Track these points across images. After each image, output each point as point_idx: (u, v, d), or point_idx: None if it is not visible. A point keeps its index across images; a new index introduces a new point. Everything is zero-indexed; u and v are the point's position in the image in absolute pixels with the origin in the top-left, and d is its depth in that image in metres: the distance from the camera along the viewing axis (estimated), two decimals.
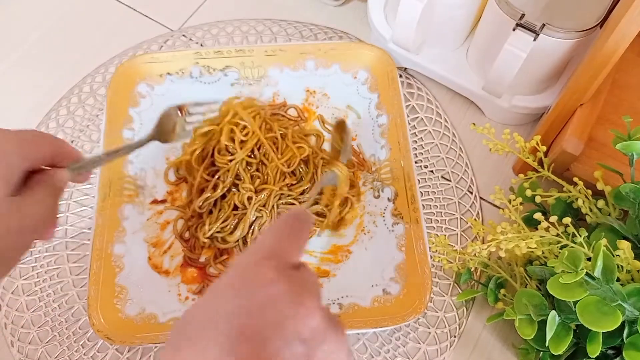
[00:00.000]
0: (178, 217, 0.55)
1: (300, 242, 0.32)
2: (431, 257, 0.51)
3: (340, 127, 0.54)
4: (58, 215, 0.38)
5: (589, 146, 0.52)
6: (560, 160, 0.50)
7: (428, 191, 0.58)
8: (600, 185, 0.46)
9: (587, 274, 0.37)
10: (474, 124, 0.51)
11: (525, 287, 0.47)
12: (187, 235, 0.55)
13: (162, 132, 0.50)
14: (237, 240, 0.53)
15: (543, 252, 0.44)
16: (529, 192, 0.48)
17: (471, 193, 0.58)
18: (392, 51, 0.61)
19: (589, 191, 0.48)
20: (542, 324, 0.42)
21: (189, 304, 0.52)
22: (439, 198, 0.58)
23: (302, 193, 0.55)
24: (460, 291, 0.54)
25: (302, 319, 0.27)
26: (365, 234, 0.55)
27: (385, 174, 0.57)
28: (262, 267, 0.29)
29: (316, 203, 0.55)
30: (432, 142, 0.61)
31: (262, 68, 0.62)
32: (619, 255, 0.40)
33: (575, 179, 0.47)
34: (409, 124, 0.60)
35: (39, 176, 0.37)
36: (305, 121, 0.61)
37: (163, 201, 0.56)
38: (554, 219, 0.43)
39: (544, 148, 0.48)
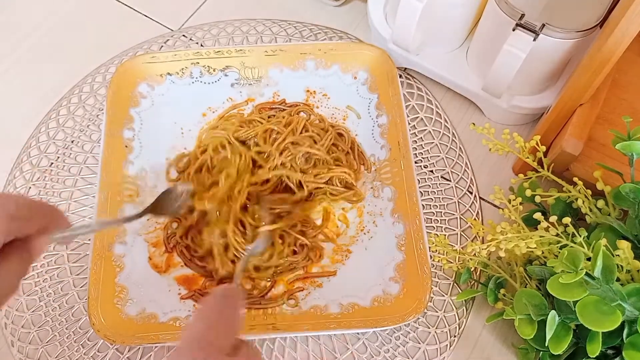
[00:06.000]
0: (172, 220, 0.56)
1: (230, 323, 0.32)
2: (431, 256, 0.51)
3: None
4: (19, 286, 0.34)
5: (589, 146, 0.52)
6: (559, 160, 0.50)
7: (428, 191, 0.58)
8: (600, 185, 0.46)
9: (586, 273, 0.37)
10: (474, 124, 0.51)
11: (525, 287, 0.47)
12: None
13: (157, 208, 0.49)
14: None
15: (543, 252, 0.45)
16: (528, 192, 0.48)
17: (471, 193, 0.58)
18: (391, 51, 0.62)
19: (589, 191, 0.48)
20: (542, 324, 0.42)
21: (189, 304, 0.52)
22: (439, 198, 0.58)
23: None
24: (460, 291, 0.54)
25: None
26: (365, 234, 0.55)
27: (385, 174, 0.57)
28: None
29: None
30: (432, 142, 0.61)
31: (262, 68, 0.62)
32: (618, 255, 0.40)
33: (575, 179, 0.47)
34: (409, 124, 0.60)
35: (18, 242, 0.33)
36: (311, 111, 0.61)
37: None
38: (553, 218, 0.43)
39: (544, 148, 0.48)
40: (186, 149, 0.59)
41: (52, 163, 0.60)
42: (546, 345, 0.42)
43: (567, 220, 0.42)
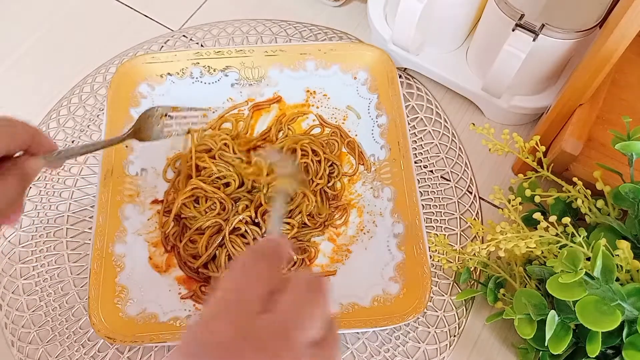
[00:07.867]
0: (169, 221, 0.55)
1: (263, 274, 0.28)
2: (431, 256, 0.51)
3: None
4: (24, 203, 0.41)
5: (588, 146, 0.52)
6: (559, 160, 0.50)
7: (427, 191, 0.58)
8: (599, 185, 0.46)
9: (586, 273, 0.37)
10: (474, 124, 0.51)
11: (525, 287, 0.47)
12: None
13: (140, 131, 0.53)
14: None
15: (542, 252, 0.45)
16: (528, 192, 0.48)
17: (470, 193, 0.58)
18: (391, 52, 0.62)
19: (588, 191, 0.48)
20: (542, 324, 0.42)
21: (189, 304, 0.52)
22: (439, 198, 0.58)
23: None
24: (460, 291, 0.54)
25: None
26: (365, 233, 0.55)
27: (385, 174, 0.57)
28: (213, 327, 0.26)
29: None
30: (432, 142, 0.61)
31: (262, 68, 0.62)
32: (618, 255, 0.40)
33: (575, 179, 0.47)
34: (409, 124, 0.60)
35: (9, 163, 0.39)
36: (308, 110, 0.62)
37: (163, 201, 0.57)
38: (553, 218, 0.43)
39: (543, 148, 0.48)
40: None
41: None
42: (546, 345, 0.42)
43: (566, 220, 0.42)
